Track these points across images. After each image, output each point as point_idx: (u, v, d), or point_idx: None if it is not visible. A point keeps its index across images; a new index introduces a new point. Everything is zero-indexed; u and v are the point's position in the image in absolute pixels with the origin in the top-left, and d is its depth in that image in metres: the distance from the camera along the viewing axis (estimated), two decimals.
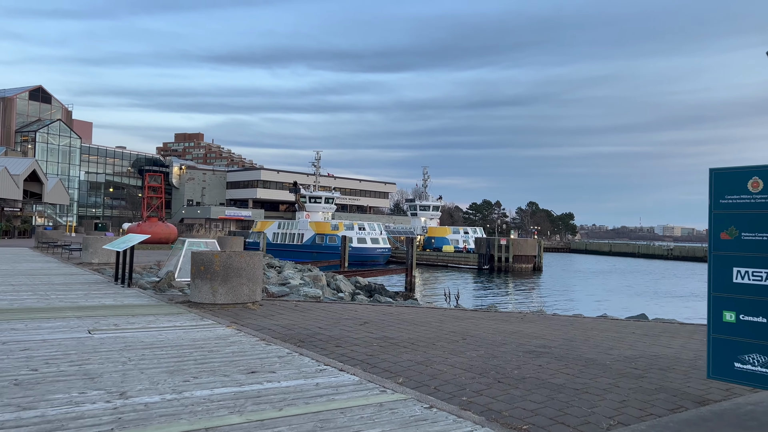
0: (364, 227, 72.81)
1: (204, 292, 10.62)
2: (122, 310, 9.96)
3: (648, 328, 9.59)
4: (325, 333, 8.20)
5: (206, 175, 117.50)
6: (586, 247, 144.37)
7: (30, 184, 61.81)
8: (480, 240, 69.81)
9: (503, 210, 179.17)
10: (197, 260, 10.76)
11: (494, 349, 7.30)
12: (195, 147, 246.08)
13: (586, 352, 7.29)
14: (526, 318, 10.42)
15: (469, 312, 11.15)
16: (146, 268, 21.08)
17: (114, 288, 13.34)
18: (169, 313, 9.67)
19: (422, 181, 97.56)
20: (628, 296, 39.28)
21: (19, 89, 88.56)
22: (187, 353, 6.59)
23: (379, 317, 9.90)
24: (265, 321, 9.16)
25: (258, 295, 11.02)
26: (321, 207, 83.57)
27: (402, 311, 10.75)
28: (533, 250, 67.44)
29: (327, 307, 11.09)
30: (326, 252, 68.06)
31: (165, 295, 12.44)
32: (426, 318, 9.96)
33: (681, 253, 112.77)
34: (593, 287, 46.46)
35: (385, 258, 71.81)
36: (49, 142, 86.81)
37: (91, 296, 11.70)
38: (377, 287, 30.11)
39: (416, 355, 6.84)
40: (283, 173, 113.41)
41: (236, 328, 8.34)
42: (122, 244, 13.75)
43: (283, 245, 76.05)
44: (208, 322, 8.82)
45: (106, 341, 7.15)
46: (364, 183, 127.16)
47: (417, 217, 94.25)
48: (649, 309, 25.92)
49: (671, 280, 56.39)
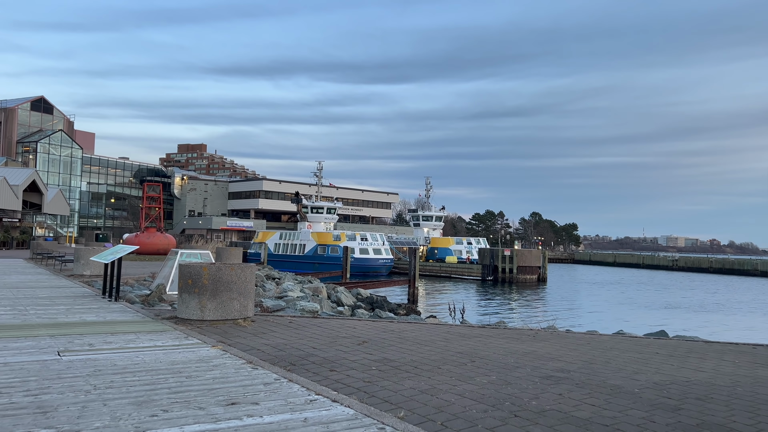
0: (366, 238, 72.06)
1: (191, 308, 9.90)
2: (103, 327, 9.24)
3: (671, 347, 8.82)
4: (320, 354, 7.45)
5: (208, 185, 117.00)
6: (590, 257, 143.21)
7: (30, 195, 61.32)
8: (483, 251, 68.96)
9: (506, 220, 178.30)
10: (185, 273, 10.04)
11: (507, 373, 6.54)
12: (198, 158, 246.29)
13: (610, 377, 6.53)
14: (539, 336, 9.65)
15: (477, 329, 10.38)
16: (140, 280, 20.36)
17: (100, 302, 12.62)
18: (153, 331, 8.94)
19: (425, 191, 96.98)
20: (638, 309, 38.38)
21: (20, 100, 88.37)
22: (161, 380, 5.85)
23: (380, 335, 9.15)
24: (255, 340, 8.42)
25: (250, 311, 10.29)
26: (323, 217, 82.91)
27: (404, 328, 10.00)
28: (537, 261, 66.57)
29: (324, 324, 10.34)
30: (328, 263, 67.29)
31: (153, 310, 11.71)
32: (430, 336, 9.20)
33: (686, 263, 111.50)
34: (601, 299, 45.57)
35: (387, 269, 70.98)
36: (51, 153, 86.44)
37: (73, 311, 10.98)
38: (379, 300, 29.32)
39: (420, 381, 6.09)
40: (286, 183, 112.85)
41: (222, 349, 7.61)
42: (110, 256, 13.04)
43: (284, 256, 75.31)
44: (192, 342, 8.09)
45: (75, 365, 6.42)
46: (366, 193, 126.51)
47: (420, 228, 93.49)
48: (664, 323, 25.09)
49: (679, 291, 55.43)
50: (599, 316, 32.06)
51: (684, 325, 28.16)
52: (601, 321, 28.54)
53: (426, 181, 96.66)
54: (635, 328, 17.30)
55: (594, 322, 26.42)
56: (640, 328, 17.17)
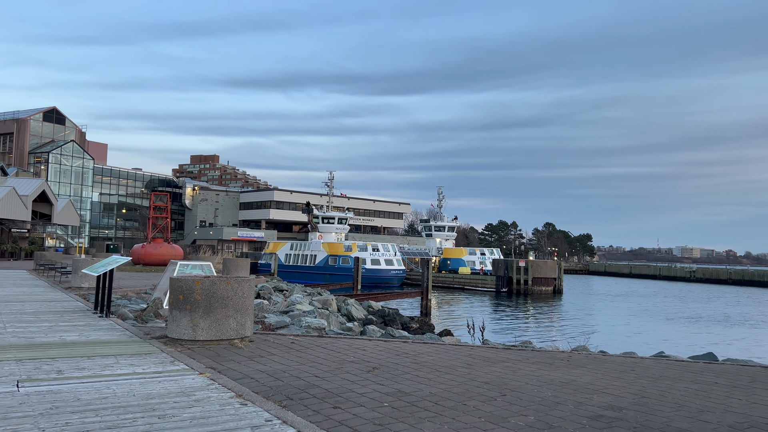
0: (378, 248, 70.98)
1: (182, 326, 8.87)
2: (81, 349, 8.23)
3: (729, 375, 7.64)
4: (323, 385, 6.38)
5: (219, 196, 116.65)
6: (605, 269, 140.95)
7: (39, 205, 60.93)
8: (498, 262, 67.59)
9: (519, 231, 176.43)
10: (175, 288, 9.03)
11: (547, 412, 5.43)
12: (210, 169, 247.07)
13: (672, 417, 5.39)
14: (574, 360, 8.51)
15: (501, 351, 9.25)
16: (140, 293, 19.44)
17: (88, 318, 11.64)
18: (136, 354, 7.93)
19: (437, 201, 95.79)
20: (663, 323, 36.87)
21: (33, 111, 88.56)
22: (127, 421, 4.81)
23: (392, 359, 8.06)
24: (250, 365, 7.36)
25: (248, 329, 9.24)
26: (334, 228, 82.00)
27: (420, 350, 8.90)
28: (553, 272, 65.09)
29: (330, 345, 9.27)
30: (339, 274, 66.25)
31: (143, 328, 10.71)
32: (450, 360, 8.10)
33: (704, 275, 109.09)
34: (622, 312, 44.09)
35: (399, 280, 69.80)
36: (62, 163, 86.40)
37: (55, 329, 10.00)
38: (391, 313, 28.21)
39: (442, 424, 5.00)
40: (297, 194, 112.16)
41: (210, 377, 6.56)
42: (100, 268, 12.09)
43: (295, 267, 74.41)
44: (177, 368, 7.06)
45: (30, 400, 5.40)
46: (377, 203, 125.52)
47: (432, 238, 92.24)
48: (696, 340, 23.74)
49: (700, 304, 53.72)
50: (626, 332, 30.56)
51: (716, 340, 26.74)
52: (632, 338, 27.08)
53: (438, 190, 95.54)
54: (672, 348, 16.08)
55: (625, 341, 24.97)
56: (678, 348, 15.96)
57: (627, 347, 14.98)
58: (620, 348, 14.36)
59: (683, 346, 18.38)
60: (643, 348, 14.53)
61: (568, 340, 20.33)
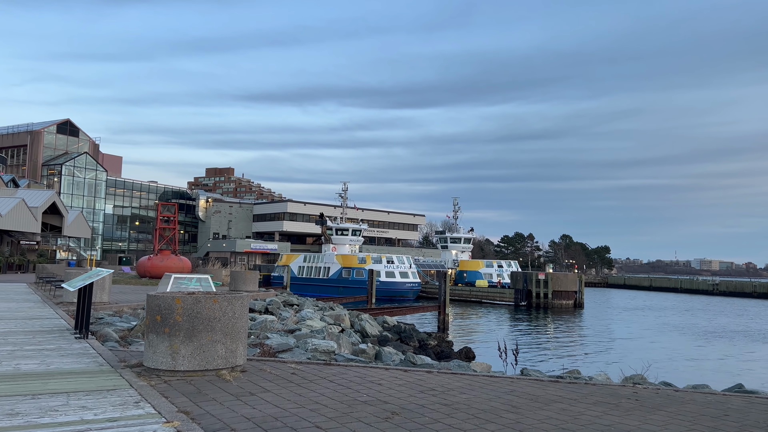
0: (392, 260, 69.34)
1: (160, 353, 7.30)
2: (31, 383, 6.69)
3: None
4: None
5: (233, 207, 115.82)
6: (624, 281, 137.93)
7: (49, 217, 60.14)
8: (516, 274, 65.60)
9: (536, 243, 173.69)
10: (152, 307, 7.47)
11: None
12: (225, 181, 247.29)
13: None
14: (642, 397, 6.81)
15: (549, 384, 7.56)
16: (136, 309, 17.97)
17: (62, 340, 10.13)
18: (97, 390, 6.36)
19: (452, 213, 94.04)
20: (702, 340, 34.63)
21: (47, 123, 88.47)
22: None
23: (416, 399, 6.42)
24: (235, 407, 5.76)
25: (239, 357, 7.65)
26: (348, 239, 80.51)
27: (449, 385, 7.24)
28: (574, 286, 62.99)
29: (339, 376, 7.65)
30: (353, 287, 64.67)
31: (122, 353, 9.17)
32: (489, 401, 6.43)
33: (727, 288, 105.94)
34: (653, 329, 41.94)
35: (414, 293, 68.05)
36: (75, 175, 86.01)
37: (15, 355, 8.49)
38: (407, 329, 26.53)
39: None
40: (310, 205, 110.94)
41: (177, 429, 4.96)
42: (79, 282, 10.60)
43: (308, 279, 72.97)
44: (140, 412, 5.47)
45: None
46: (392, 215, 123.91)
47: (447, 250, 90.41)
48: (763, 367, 21.50)
49: (732, 319, 51.27)
50: (669, 353, 28.20)
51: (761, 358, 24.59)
52: (680, 362, 24.77)
53: (453, 202, 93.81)
54: (734, 374, 14.14)
55: (676, 365, 22.56)
56: (747, 377, 14.02)
57: (684, 374, 13.28)
58: (677, 375, 12.59)
59: (748, 374, 16.26)
60: (701, 375, 12.79)
61: (613, 363, 18.47)
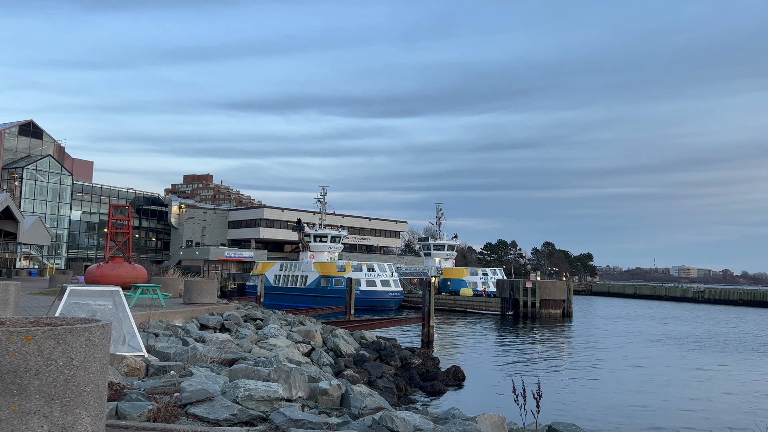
0: (373, 268, 66.08)
1: None
2: None
3: None
4: None
5: (207, 214, 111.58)
6: (608, 289, 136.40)
7: (3, 223, 55.96)
8: (502, 282, 62.72)
9: (519, 250, 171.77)
10: None
11: None
12: (204, 188, 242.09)
13: None
14: None
15: None
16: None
17: None
18: None
19: (436, 219, 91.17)
20: (722, 354, 31.85)
21: (8, 124, 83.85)
22: None
23: None
24: None
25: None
26: (327, 246, 77.10)
27: None
28: (562, 294, 60.36)
29: None
30: (332, 296, 61.26)
31: None
32: None
33: (713, 295, 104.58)
34: (653, 342, 39.24)
35: (397, 302, 64.81)
36: (38, 179, 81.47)
37: None
38: (388, 345, 23.34)
39: None
40: (288, 211, 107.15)
41: None
42: None
43: (284, 289, 69.40)
44: None
45: None
46: (373, 221, 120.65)
47: (431, 258, 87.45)
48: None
49: (732, 328, 48.90)
50: (689, 374, 25.20)
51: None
52: (691, 378, 21.85)
53: (437, 208, 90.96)
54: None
55: (685, 380, 19.43)
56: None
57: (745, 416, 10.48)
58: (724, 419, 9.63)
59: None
60: (743, 408, 10.02)
61: (652, 414, 15.38)
